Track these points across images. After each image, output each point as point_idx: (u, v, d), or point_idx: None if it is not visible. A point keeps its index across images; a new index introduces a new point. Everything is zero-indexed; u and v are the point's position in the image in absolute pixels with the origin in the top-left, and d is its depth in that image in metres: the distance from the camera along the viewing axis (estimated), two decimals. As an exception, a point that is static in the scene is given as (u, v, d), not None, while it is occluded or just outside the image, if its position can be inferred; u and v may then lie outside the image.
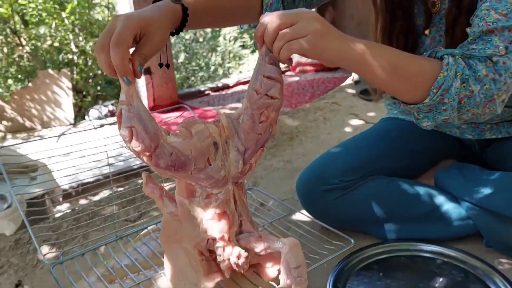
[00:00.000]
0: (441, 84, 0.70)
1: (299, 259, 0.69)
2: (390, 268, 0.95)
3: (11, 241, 1.09)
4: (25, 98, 4.88)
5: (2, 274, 1.00)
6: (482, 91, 0.70)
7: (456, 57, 0.72)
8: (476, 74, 0.70)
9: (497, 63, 0.71)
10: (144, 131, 0.61)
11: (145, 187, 0.71)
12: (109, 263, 0.81)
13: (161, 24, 0.71)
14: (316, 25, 0.66)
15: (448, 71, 0.70)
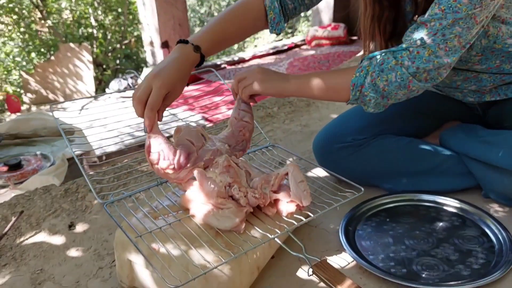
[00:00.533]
0: (354, 82, 0.91)
1: (301, 175, 0.91)
2: (395, 214, 1.08)
3: (61, 190, 1.24)
4: (48, 71, 5.03)
5: (56, 217, 1.15)
6: (398, 77, 0.87)
7: (372, 58, 0.90)
8: (388, 66, 0.88)
9: (411, 53, 0.87)
10: (168, 153, 0.86)
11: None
12: (153, 203, 0.95)
13: (183, 82, 0.93)
14: (258, 75, 0.97)
15: (359, 71, 0.91)
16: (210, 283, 0.77)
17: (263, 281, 0.89)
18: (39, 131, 2.27)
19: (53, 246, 1.06)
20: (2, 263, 1.01)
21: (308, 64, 5.18)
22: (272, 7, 1.06)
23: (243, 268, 0.82)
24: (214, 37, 1.00)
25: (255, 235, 0.83)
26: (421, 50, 0.85)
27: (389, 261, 0.92)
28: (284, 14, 1.10)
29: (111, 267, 0.97)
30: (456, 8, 0.82)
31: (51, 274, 0.97)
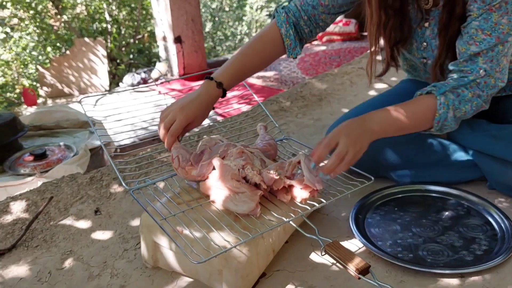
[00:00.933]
0: (439, 120, 1.00)
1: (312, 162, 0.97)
2: (403, 204, 1.13)
3: (86, 178, 1.31)
4: (63, 65, 5.12)
5: (83, 203, 1.23)
6: (473, 106, 1.01)
7: (446, 92, 0.99)
8: (465, 99, 0.99)
9: (479, 84, 0.99)
10: (185, 154, 1.00)
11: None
12: (175, 190, 1.01)
13: (204, 115, 1.06)
14: (350, 144, 0.94)
15: (441, 109, 0.99)
16: (229, 263, 0.84)
17: (277, 264, 0.96)
18: (62, 123, 2.37)
19: (80, 229, 1.13)
20: (34, 245, 1.09)
21: (319, 59, 5.19)
22: (287, 35, 1.16)
23: (260, 250, 0.89)
24: (235, 72, 1.11)
25: (271, 219, 0.89)
26: (487, 79, 0.99)
27: (396, 246, 0.98)
28: (301, 39, 1.20)
29: (136, 249, 1.04)
30: (500, 30, 0.95)
31: (80, 255, 1.04)
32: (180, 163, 0.99)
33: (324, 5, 1.15)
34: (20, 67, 5.99)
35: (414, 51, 1.16)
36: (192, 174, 0.97)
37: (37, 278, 0.98)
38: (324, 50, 5.58)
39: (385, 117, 0.99)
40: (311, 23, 1.18)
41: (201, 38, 5.09)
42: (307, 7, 1.16)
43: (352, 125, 0.97)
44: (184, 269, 0.93)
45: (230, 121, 1.68)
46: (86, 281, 0.96)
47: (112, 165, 1.00)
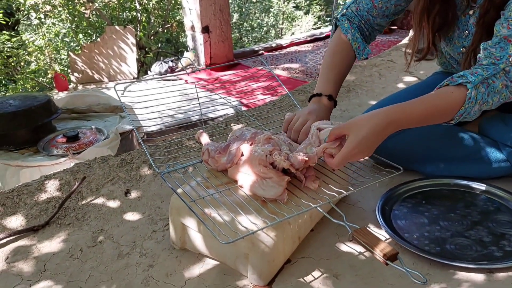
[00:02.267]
0: (462, 113, 0.93)
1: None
2: (432, 197, 1.12)
3: (117, 161, 1.34)
4: (94, 52, 5.22)
5: (113, 184, 1.26)
6: (501, 98, 0.95)
7: (478, 85, 0.92)
8: (494, 90, 0.93)
9: (509, 72, 0.93)
10: (213, 145, 1.04)
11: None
12: (204, 174, 1.03)
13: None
14: (364, 150, 0.91)
15: (470, 103, 0.92)
16: (256, 247, 0.85)
17: (303, 251, 0.97)
18: (93, 107, 2.44)
19: (111, 209, 1.16)
20: (67, 222, 1.12)
21: (347, 52, 5.13)
22: (354, 39, 1.21)
23: (286, 235, 0.90)
24: (335, 83, 1.20)
25: (299, 205, 0.90)
26: None
27: (423, 239, 0.97)
28: (366, 40, 1.25)
29: (164, 230, 1.07)
30: None
31: (110, 234, 1.07)
32: (210, 153, 1.01)
33: (378, 8, 1.19)
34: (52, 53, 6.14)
35: (455, 39, 1.14)
36: (221, 161, 0.99)
37: (69, 254, 1.02)
38: (352, 43, 5.52)
39: (403, 113, 0.93)
40: (368, 26, 1.23)
41: (228, 28, 5.11)
42: (363, 12, 1.21)
43: (363, 122, 0.92)
44: (210, 251, 0.94)
45: (258, 110, 1.69)
46: (116, 259, 0.99)
47: (144, 148, 1.02)
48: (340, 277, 0.89)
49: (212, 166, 1.02)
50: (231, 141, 1.02)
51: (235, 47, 7.41)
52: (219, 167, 1.01)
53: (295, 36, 6.35)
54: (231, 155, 0.98)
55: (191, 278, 0.92)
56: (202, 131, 1.13)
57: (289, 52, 5.54)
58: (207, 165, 1.03)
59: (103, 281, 0.93)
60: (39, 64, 6.04)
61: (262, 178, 0.92)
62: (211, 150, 1.02)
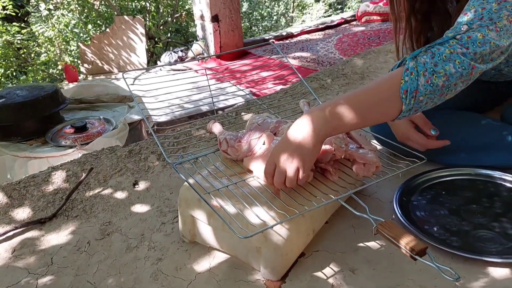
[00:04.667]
0: (406, 89, 0.76)
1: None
2: (452, 188, 1.07)
3: (125, 151, 1.31)
4: (103, 42, 5.19)
5: (121, 175, 1.23)
6: (456, 66, 0.76)
7: (417, 56, 0.78)
8: (442, 57, 0.77)
9: (461, 39, 0.78)
10: (231, 134, 1.00)
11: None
12: (217, 164, 0.99)
13: None
14: (284, 158, 0.80)
15: (409, 75, 0.76)
16: (268, 240, 0.81)
17: (317, 244, 0.93)
18: (102, 97, 2.41)
19: (119, 201, 1.13)
20: (74, 214, 1.10)
21: (358, 40, 5.06)
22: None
23: (301, 229, 0.86)
24: None
25: (317, 196, 0.86)
26: (471, 34, 0.78)
27: (444, 231, 0.93)
28: None
29: (173, 223, 1.03)
30: None
31: (118, 226, 1.04)
32: (228, 143, 0.97)
33: None
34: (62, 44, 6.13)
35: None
36: (243, 150, 0.95)
37: (77, 247, 0.99)
38: (363, 30, 5.43)
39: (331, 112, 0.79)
40: None
41: (238, 17, 5.04)
42: None
43: (282, 144, 0.82)
44: (221, 245, 0.91)
45: (269, 98, 1.65)
46: (124, 252, 0.96)
47: (154, 138, 0.99)
48: (357, 271, 0.85)
49: (232, 156, 0.98)
50: (252, 129, 0.98)
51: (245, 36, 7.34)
52: (239, 156, 0.97)
53: (306, 24, 6.25)
54: (253, 143, 0.94)
55: (201, 272, 0.88)
56: (214, 121, 1.09)
57: (300, 41, 5.45)
58: (226, 155, 0.99)
59: (111, 275, 0.90)
60: (49, 56, 6.03)
61: None
62: (230, 139, 0.98)
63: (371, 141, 1.02)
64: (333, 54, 4.71)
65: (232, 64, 4.58)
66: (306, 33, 5.73)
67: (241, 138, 0.97)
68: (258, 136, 0.94)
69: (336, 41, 5.14)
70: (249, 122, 1.03)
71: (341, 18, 6.00)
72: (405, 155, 1.02)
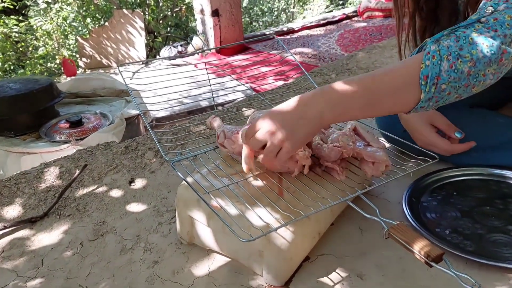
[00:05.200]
0: (426, 74, 0.68)
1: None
2: (463, 188, 1.02)
3: (121, 147, 1.26)
4: (102, 36, 5.13)
5: (117, 172, 1.18)
6: (484, 49, 0.68)
7: (439, 39, 0.71)
8: (468, 39, 0.68)
9: (487, 22, 0.69)
10: (230, 127, 0.93)
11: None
12: (217, 162, 0.94)
13: None
14: (277, 131, 0.73)
15: (430, 59, 0.68)
16: (272, 244, 0.76)
17: (322, 247, 0.87)
18: (98, 91, 2.35)
19: (114, 200, 1.08)
20: (66, 213, 1.05)
21: (359, 36, 5.02)
22: None
23: (305, 231, 0.80)
24: None
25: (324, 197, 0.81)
26: (498, 16, 0.69)
27: (457, 235, 0.88)
28: None
29: (171, 223, 0.98)
30: None
31: (112, 226, 0.99)
32: (226, 135, 0.92)
33: None
34: (61, 38, 6.06)
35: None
36: (239, 142, 0.89)
37: (69, 248, 0.94)
38: (365, 26, 5.38)
39: (340, 92, 0.71)
40: None
41: (238, 11, 4.99)
42: None
43: (275, 111, 0.74)
44: (221, 248, 0.86)
45: (271, 93, 1.59)
46: (118, 254, 0.91)
47: (151, 134, 0.94)
48: (365, 277, 0.80)
49: (228, 148, 0.91)
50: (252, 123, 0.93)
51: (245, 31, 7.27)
52: (235, 148, 0.91)
53: (307, 20, 6.18)
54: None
55: (200, 276, 0.83)
56: (214, 116, 1.03)
57: (301, 36, 5.40)
58: (222, 149, 0.93)
59: (104, 279, 0.85)
60: (47, 49, 5.96)
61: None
62: (227, 131, 0.92)
63: (379, 138, 0.97)
64: (335, 50, 4.66)
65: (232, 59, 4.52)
66: (307, 29, 5.67)
67: (239, 130, 0.92)
68: None
69: (338, 37, 5.10)
70: (250, 117, 0.98)
71: (343, 14, 5.94)
72: (415, 153, 0.97)
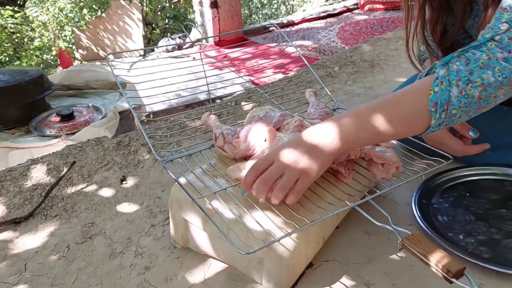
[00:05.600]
0: (435, 101, 0.66)
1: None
2: (476, 189, 0.95)
3: (113, 143, 1.19)
4: (99, 27, 5.04)
5: (108, 170, 1.11)
6: (496, 74, 0.65)
7: (448, 63, 0.68)
8: (478, 63, 0.65)
9: (501, 41, 0.65)
10: (229, 128, 0.87)
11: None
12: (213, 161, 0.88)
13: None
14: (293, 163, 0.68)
15: (439, 85, 0.66)
16: (272, 251, 0.70)
17: (327, 253, 0.81)
18: (91, 83, 2.26)
19: (104, 199, 1.02)
20: (53, 214, 0.98)
21: (360, 29, 4.96)
22: None
23: (309, 237, 0.74)
24: None
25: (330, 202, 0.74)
26: None
27: (472, 240, 0.81)
28: None
29: (164, 225, 0.92)
30: None
31: (102, 228, 0.93)
32: (225, 139, 0.85)
33: None
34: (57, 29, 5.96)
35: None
36: (241, 148, 0.83)
37: (54, 251, 0.88)
38: (366, 19, 5.32)
39: (349, 122, 0.70)
40: None
41: (238, 3, 4.90)
42: None
43: (292, 142, 0.71)
44: (218, 253, 0.79)
45: (271, 86, 1.52)
46: (107, 259, 0.85)
47: (142, 132, 0.87)
48: (373, 286, 0.74)
49: (229, 153, 0.86)
50: (252, 123, 0.86)
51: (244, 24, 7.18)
52: (237, 154, 0.85)
53: (307, 12, 6.09)
54: (253, 139, 0.82)
55: (195, 284, 0.77)
56: (209, 113, 0.97)
57: (301, 29, 5.33)
58: (222, 152, 0.87)
59: (92, 286, 0.79)
60: (43, 41, 5.87)
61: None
62: (227, 134, 0.86)
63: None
64: (335, 43, 4.60)
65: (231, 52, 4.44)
66: (307, 21, 5.59)
67: (239, 133, 0.85)
68: (259, 131, 0.82)
69: (338, 30, 5.04)
70: (249, 115, 0.91)
71: (343, 6, 5.85)
72: (426, 152, 0.90)
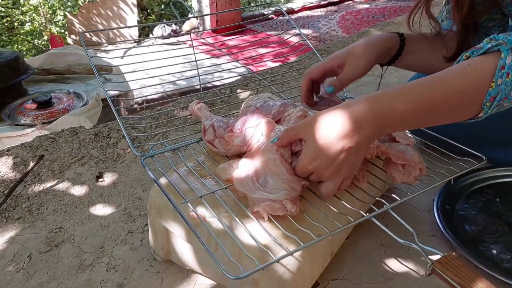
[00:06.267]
0: (494, 95, 0.56)
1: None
2: (507, 193, 0.83)
3: (90, 134, 1.05)
4: (92, 13, 4.88)
5: (82, 165, 0.97)
6: None
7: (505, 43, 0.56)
8: None
9: None
10: (220, 120, 0.75)
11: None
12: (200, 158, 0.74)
13: (362, 52, 0.78)
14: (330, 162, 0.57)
15: (504, 76, 0.55)
16: (271, 272, 0.57)
17: (335, 269, 0.68)
18: (74, 67, 2.09)
19: (76, 199, 0.88)
20: (16, 216, 0.84)
21: (362, 18, 4.86)
22: None
23: (316, 254, 0.61)
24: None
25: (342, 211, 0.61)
26: None
27: (508, 256, 0.68)
28: None
29: (144, 232, 0.78)
30: None
31: (71, 234, 0.79)
32: (216, 132, 0.71)
33: None
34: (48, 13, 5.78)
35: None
36: (235, 143, 0.69)
37: (13, 262, 0.74)
38: (367, 8, 5.20)
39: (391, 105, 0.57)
40: None
41: (236, -12, 4.75)
42: None
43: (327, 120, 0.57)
44: (204, 269, 0.66)
45: (271, 73, 1.38)
46: (74, 273, 0.71)
47: (119, 122, 0.73)
48: (392, 313, 0.61)
49: (220, 149, 0.72)
50: (248, 114, 0.72)
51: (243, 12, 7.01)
52: (230, 151, 0.71)
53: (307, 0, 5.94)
54: (249, 133, 0.69)
55: (177, 306, 0.64)
56: (198, 101, 0.82)
57: (301, 17, 5.21)
58: (211, 147, 0.73)
59: (53, 307, 0.66)
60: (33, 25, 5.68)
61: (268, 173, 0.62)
62: (219, 127, 0.72)
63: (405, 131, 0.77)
64: (336, 32, 4.47)
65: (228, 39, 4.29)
66: (307, 9, 5.47)
67: (233, 125, 0.71)
68: (256, 123, 0.68)
69: (339, 19, 4.94)
70: (245, 105, 0.77)
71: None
72: (452, 150, 0.77)
